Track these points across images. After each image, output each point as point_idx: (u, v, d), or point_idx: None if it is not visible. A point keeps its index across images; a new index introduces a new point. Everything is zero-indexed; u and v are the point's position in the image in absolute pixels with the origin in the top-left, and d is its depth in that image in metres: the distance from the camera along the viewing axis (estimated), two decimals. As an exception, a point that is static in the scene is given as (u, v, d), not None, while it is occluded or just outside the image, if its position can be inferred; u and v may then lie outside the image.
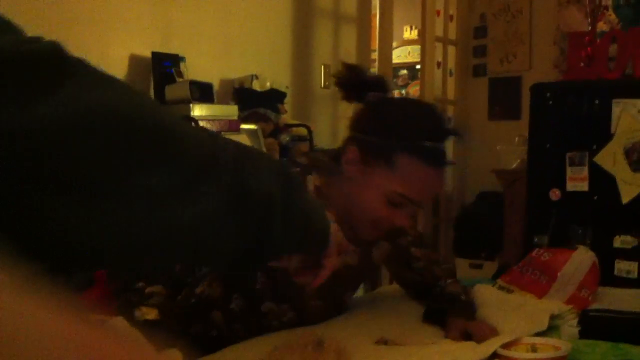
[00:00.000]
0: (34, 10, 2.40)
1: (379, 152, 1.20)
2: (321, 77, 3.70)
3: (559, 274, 1.56)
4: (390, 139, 1.20)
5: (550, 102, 2.79)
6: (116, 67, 2.66)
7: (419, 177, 1.19)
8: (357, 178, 1.22)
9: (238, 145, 0.65)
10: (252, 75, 3.04)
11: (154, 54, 2.67)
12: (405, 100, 1.30)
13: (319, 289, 1.10)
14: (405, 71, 6.24)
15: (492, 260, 4.11)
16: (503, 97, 4.53)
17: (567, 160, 2.73)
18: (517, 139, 4.04)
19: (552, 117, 2.81)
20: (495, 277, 2.07)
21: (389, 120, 1.23)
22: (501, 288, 1.62)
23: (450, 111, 4.60)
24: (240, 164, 0.60)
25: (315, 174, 1.27)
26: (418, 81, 6.02)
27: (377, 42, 3.95)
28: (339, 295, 1.38)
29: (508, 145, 4.08)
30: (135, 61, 2.69)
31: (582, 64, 2.99)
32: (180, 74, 2.69)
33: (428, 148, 1.20)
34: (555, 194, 2.74)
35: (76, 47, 2.26)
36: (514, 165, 3.93)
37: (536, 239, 2.46)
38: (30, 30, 2.17)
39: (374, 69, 4.10)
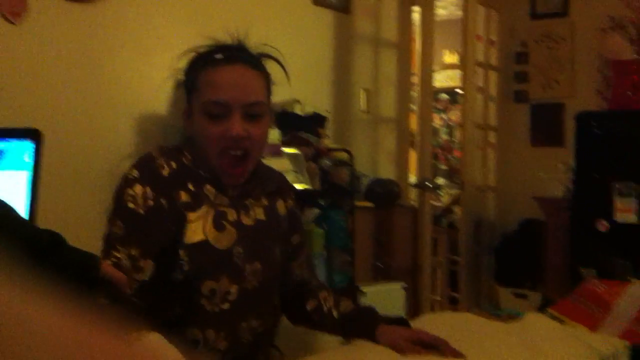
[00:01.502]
0: (81, 36, 2.46)
1: (188, 92, 1.36)
2: (361, 101, 3.70)
3: (613, 306, 1.52)
4: (188, 76, 1.37)
5: (597, 131, 2.74)
6: (160, 90, 2.69)
7: (215, 79, 1.31)
8: (189, 123, 1.36)
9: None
10: (294, 100, 3.05)
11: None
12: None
13: (248, 248, 1.34)
14: (445, 95, 6.21)
15: (535, 290, 4.02)
16: (545, 124, 4.46)
17: (615, 191, 2.66)
18: (560, 166, 3.97)
19: (598, 147, 2.76)
20: (541, 309, 2.01)
21: (186, 68, 1.39)
22: (553, 318, 1.58)
23: (492, 137, 4.55)
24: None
25: (177, 156, 1.36)
26: (458, 105, 5.99)
27: (417, 66, 3.94)
28: (269, 250, 1.42)
29: (551, 173, 4.01)
30: (179, 84, 2.72)
31: (628, 93, 2.94)
32: (224, 98, 2.71)
33: (210, 56, 1.34)
34: (602, 225, 2.67)
35: (122, 71, 2.33)
36: (558, 193, 3.85)
37: (583, 271, 2.39)
38: (79, 56, 2.23)
39: (415, 93, 4.08)
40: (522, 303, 3.95)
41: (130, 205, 1.27)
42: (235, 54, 1.35)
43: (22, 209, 1.52)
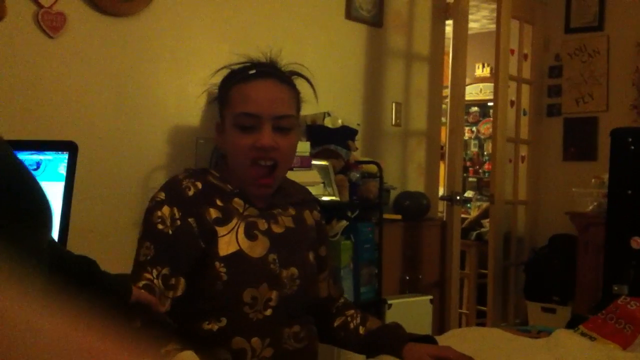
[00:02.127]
0: (117, 50, 2.51)
1: (221, 106, 1.40)
2: (392, 114, 3.70)
3: (644, 326, 1.50)
4: (221, 90, 1.41)
5: (632, 148, 2.70)
6: (193, 103, 2.73)
7: (247, 93, 1.35)
8: (221, 137, 1.41)
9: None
10: (324, 113, 3.07)
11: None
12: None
13: (281, 254, 1.37)
14: (476, 108, 6.19)
15: (564, 305, 3.97)
16: (578, 138, 4.42)
17: (650, 208, 2.63)
18: (593, 181, 3.92)
19: (633, 163, 2.73)
20: (570, 325, 1.99)
21: (220, 84, 1.44)
22: (583, 335, 1.56)
23: (523, 151, 4.51)
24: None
25: (203, 176, 1.41)
26: (489, 119, 5.96)
27: (449, 78, 3.94)
28: (302, 255, 1.45)
29: (583, 188, 3.96)
30: (212, 98, 2.76)
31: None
32: (256, 111, 2.74)
33: (243, 72, 1.38)
34: (636, 243, 2.63)
35: (156, 84, 2.37)
36: (590, 209, 3.81)
37: (616, 288, 2.36)
38: (114, 69, 2.28)
39: (445, 106, 4.08)
40: (551, 318, 3.90)
41: (159, 226, 1.31)
42: (267, 70, 1.39)
43: (57, 219, 1.55)
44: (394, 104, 3.70)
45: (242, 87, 1.36)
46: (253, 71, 1.38)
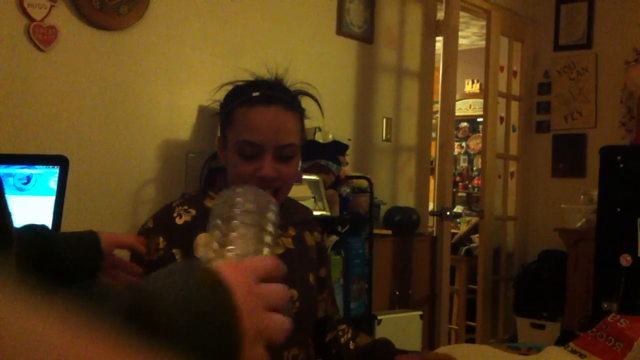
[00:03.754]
0: (108, 64, 2.51)
1: (223, 124, 1.38)
2: (382, 129, 3.71)
3: (635, 342, 1.50)
4: (224, 108, 1.39)
5: (621, 166, 2.73)
6: (185, 117, 2.73)
7: (250, 119, 1.33)
8: (223, 154, 1.40)
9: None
10: (315, 128, 3.08)
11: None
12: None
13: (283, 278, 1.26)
14: (466, 124, 6.22)
15: (553, 321, 3.98)
16: (567, 154, 4.45)
17: (639, 226, 2.65)
18: (582, 197, 3.95)
19: (623, 181, 2.75)
20: (560, 342, 1.99)
21: (223, 101, 1.41)
22: (574, 352, 1.56)
23: (512, 167, 4.54)
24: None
25: (198, 201, 1.40)
26: (478, 134, 5.99)
27: (439, 94, 3.96)
28: (303, 277, 1.44)
29: (572, 204, 3.99)
30: (203, 112, 2.76)
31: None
32: (246, 125, 2.74)
33: (248, 96, 1.34)
34: (626, 260, 2.65)
35: (147, 98, 2.36)
36: (579, 225, 3.83)
37: (605, 305, 2.37)
38: (105, 83, 2.27)
39: (435, 121, 4.09)
40: (540, 334, 3.91)
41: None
42: (272, 94, 1.36)
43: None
44: (384, 119, 3.72)
45: (246, 111, 1.34)
46: (257, 93, 1.36)
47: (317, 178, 3.01)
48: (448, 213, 3.67)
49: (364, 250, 3.14)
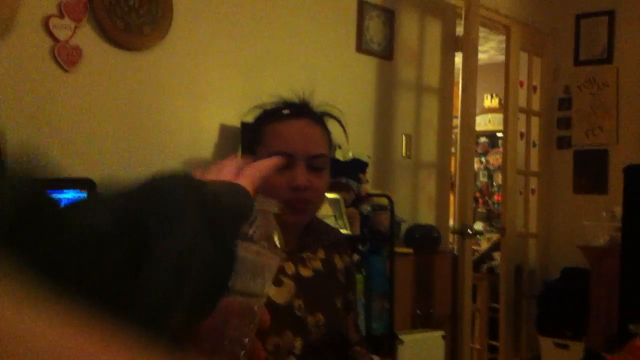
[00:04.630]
0: (132, 84, 2.52)
1: (252, 143, 1.39)
2: (402, 146, 3.70)
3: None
4: (254, 129, 1.40)
5: (646, 183, 2.69)
6: (207, 135, 2.74)
7: (281, 131, 1.34)
8: None
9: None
10: (335, 145, 3.07)
11: (243, 124, 2.74)
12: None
13: (308, 299, 1.33)
14: (485, 139, 6.19)
15: (578, 340, 3.92)
16: (589, 171, 4.40)
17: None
18: (604, 214, 3.90)
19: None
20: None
21: (253, 123, 1.42)
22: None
23: (533, 183, 4.50)
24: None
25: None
26: (498, 149, 5.96)
27: (458, 109, 3.94)
28: (330, 300, 1.42)
29: (594, 220, 3.94)
30: (225, 131, 2.77)
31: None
32: (268, 144, 2.74)
33: (277, 112, 1.37)
34: (654, 279, 2.60)
35: (170, 117, 2.36)
36: (602, 242, 3.78)
37: (632, 327, 2.33)
38: (129, 103, 2.27)
39: (455, 136, 4.07)
40: (564, 354, 3.85)
41: None
42: (301, 110, 1.39)
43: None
44: (404, 136, 3.70)
45: (277, 126, 1.35)
46: (287, 111, 1.37)
47: (338, 196, 2.99)
48: (469, 231, 3.64)
49: (385, 269, 3.12)
